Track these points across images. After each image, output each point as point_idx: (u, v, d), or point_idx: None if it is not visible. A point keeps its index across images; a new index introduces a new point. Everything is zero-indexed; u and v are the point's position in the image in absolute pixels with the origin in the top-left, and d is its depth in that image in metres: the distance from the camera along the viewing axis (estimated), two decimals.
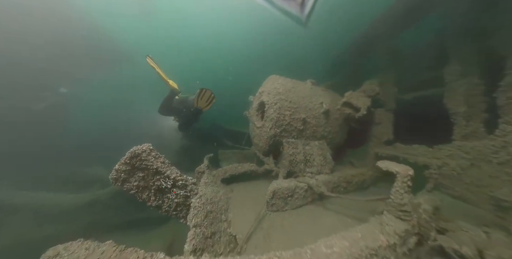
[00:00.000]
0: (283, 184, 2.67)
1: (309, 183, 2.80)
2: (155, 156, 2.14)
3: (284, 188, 2.63)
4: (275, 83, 3.31)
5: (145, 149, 2.06)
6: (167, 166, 2.19)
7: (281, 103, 3.09)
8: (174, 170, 2.22)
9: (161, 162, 2.16)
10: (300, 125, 3.22)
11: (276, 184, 2.65)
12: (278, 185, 2.65)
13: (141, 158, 2.04)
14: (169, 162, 2.27)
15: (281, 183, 2.71)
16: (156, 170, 2.10)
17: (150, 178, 2.15)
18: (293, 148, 3.12)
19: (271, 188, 2.58)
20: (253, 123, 3.62)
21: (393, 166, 2.08)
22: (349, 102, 3.19)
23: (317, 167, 3.07)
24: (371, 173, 3.39)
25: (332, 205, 2.83)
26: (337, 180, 3.07)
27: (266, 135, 3.25)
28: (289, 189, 2.68)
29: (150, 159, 2.06)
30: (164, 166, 2.14)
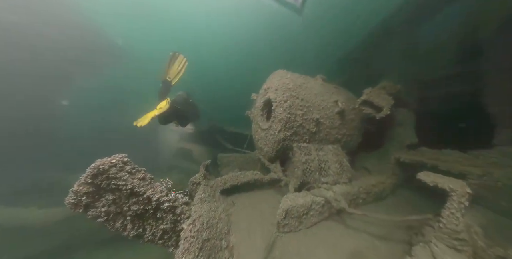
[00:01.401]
0: (297, 200, 2.09)
1: (326, 196, 2.22)
2: (130, 170, 1.48)
3: (299, 205, 2.05)
4: (284, 78, 2.72)
5: (115, 162, 1.41)
6: (147, 184, 1.54)
7: (292, 101, 2.50)
8: (157, 189, 1.57)
9: (139, 178, 1.50)
10: (313, 127, 2.64)
11: (289, 201, 2.07)
12: (292, 201, 2.07)
13: (108, 175, 1.38)
14: (151, 177, 1.62)
15: (295, 198, 2.13)
16: (132, 190, 1.44)
17: (123, 201, 1.49)
18: (305, 154, 2.54)
19: (284, 206, 1.99)
20: (257, 124, 3.01)
21: (444, 181, 1.55)
22: (370, 101, 2.64)
23: (333, 176, 2.50)
24: (390, 181, 2.85)
25: (352, 220, 2.28)
26: (357, 191, 2.52)
27: (273, 139, 2.65)
28: (304, 206, 2.10)
29: (122, 176, 1.41)
30: (144, 184, 1.49)
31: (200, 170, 2.50)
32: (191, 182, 2.28)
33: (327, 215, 2.32)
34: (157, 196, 1.51)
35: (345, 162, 2.61)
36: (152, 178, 1.63)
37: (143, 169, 1.60)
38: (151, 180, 1.60)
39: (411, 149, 2.87)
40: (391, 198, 2.85)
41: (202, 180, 2.35)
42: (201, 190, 2.16)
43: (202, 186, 2.24)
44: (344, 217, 2.36)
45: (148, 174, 1.62)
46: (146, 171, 1.61)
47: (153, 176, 4.60)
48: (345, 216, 2.37)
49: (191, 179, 2.30)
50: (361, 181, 2.69)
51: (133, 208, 1.49)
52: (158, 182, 1.66)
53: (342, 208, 2.12)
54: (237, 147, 4.65)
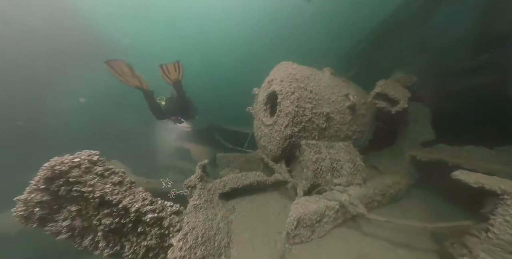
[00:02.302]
0: (309, 206, 1.75)
1: (341, 200, 1.89)
2: (101, 173, 1.11)
3: (311, 212, 1.70)
4: (290, 69, 2.40)
5: (79, 161, 1.03)
6: (125, 190, 1.16)
7: (300, 93, 2.18)
8: (139, 196, 1.19)
9: (113, 183, 1.12)
10: (322, 123, 2.32)
11: (300, 207, 1.72)
12: (303, 208, 1.72)
13: (68, 179, 1.00)
14: (131, 181, 1.24)
15: (306, 204, 1.79)
16: (102, 199, 1.06)
17: (92, 213, 1.10)
18: (316, 153, 2.20)
19: (295, 214, 1.65)
20: (260, 120, 2.66)
21: (490, 181, 1.25)
22: (384, 93, 2.34)
23: (347, 177, 2.17)
24: (405, 181, 2.55)
25: (368, 225, 1.96)
26: (372, 193, 2.19)
27: (279, 135, 2.31)
28: (317, 213, 1.76)
29: (88, 181, 1.03)
30: (119, 191, 1.12)
31: (196, 171, 2.13)
32: (186, 185, 1.90)
33: (341, 221, 1.98)
34: (137, 205, 1.14)
35: (359, 161, 2.29)
36: (133, 182, 1.25)
37: (121, 170, 1.22)
38: (131, 185, 1.22)
39: (426, 146, 2.57)
40: (406, 200, 2.55)
41: (198, 183, 1.98)
42: (197, 194, 1.79)
43: (197, 190, 1.87)
44: (359, 223, 2.04)
45: (128, 177, 1.24)
46: (126, 173, 1.23)
47: (149, 176, 4.02)
48: (360, 221, 2.04)
49: (185, 182, 1.92)
50: (376, 181, 2.38)
51: (105, 221, 1.11)
52: (141, 187, 1.27)
53: (361, 213, 1.79)
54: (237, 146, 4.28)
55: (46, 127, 8.91)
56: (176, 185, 3.33)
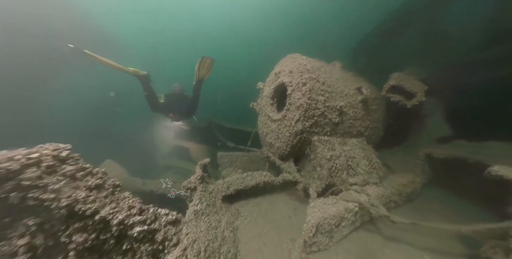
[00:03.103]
0: (328, 210, 1.50)
1: (361, 201, 1.65)
2: (72, 174, 0.80)
3: (331, 216, 1.45)
4: (299, 59, 2.17)
5: (37, 158, 0.72)
6: (106, 196, 0.86)
7: (312, 84, 1.94)
8: (124, 204, 0.89)
9: (88, 187, 0.82)
10: (335, 117, 2.09)
11: (318, 211, 1.47)
12: (322, 212, 1.47)
13: (20, 182, 0.69)
14: (116, 185, 0.95)
15: (324, 207, 1.54)
16: (71, 209, 0.76)
17: (58, 227, 0.79)
18: (329, 150, 1.96)
19: (313, 220, 1.40)
20: (266, 115, 2.40)
21: None
22: (400, 86, 2.14)
23: (363, 175, 1.94)
24: (419, 180, 2.35)
25: (388, 228, 1.74)
26: (390, 193, 1.97)
27: (288, 131, 2.05)
28: (337, 217, 1.51)
29: (49, 185, 0.72)
30: (97, 198, 0.82)
31: (196, 171, 1.83)
32: (185, 187, 1.61)
33: (359, 225, 1.74)
34: (120, 216, 0.84)
35: (375, 158, 2.07)
36: (118, 185, 0.96)
37: (102, 170, 0.93)
38: (114, 190, 0.93)
39: (441, 142, 2.39)
40: (420, 200, 2.34)
41: (199, 184, 1.69)
42: (197, 198, 1.50)
43: (198, 193, 1.58)
44: (378, 225, 1.81)
45: (112, 179, 0.94)
46: (106, 174, 0.93)
47: (147, 176, 3.57)
48: (380, 223, 1.81)
49: (184, 183, 1.64)
50: (391, 180, 2.16)
51: (77, 238, 0.81)
52: (127, 192, 0.98)
53: (385, 215, 1.55)
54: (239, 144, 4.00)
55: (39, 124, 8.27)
56: (176, 186, 3.06)
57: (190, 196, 1.70)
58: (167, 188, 3.02)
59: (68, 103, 8.99)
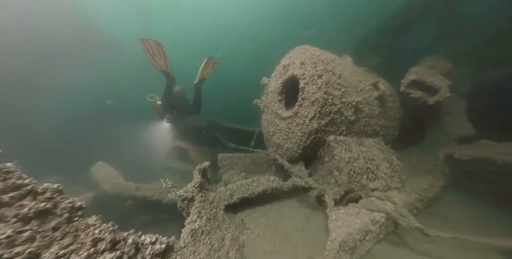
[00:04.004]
0: (352, 223, 1.23)
1: (387, 210, 1.39)
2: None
3: (356, 230, 1.18)
4: (311, 50, 1.90)
5: None
6: (56, 226, 0.52)
7: (328, 77, 1.68)
8: (88, 235, 0.56)
9: (19, 217, 0.48)
10: (351, 115, 1.83)
11: (342, 225, 1.20)
12: (346, 225, 1.20)
13: None
14: (74, 205, 0.61)
15: (348, 219, 1.28)
16: None
17: None
18: (347, 151, 1.69)
19: (338, 237, 1.15)
20: (273, 113, 2.11)
21: None
22: (421, 81, 1.89)
23: (385, 180, 1.68)
24: (439, 183, 2.11)
25: (417, 240, 1.50)
26: (414, 199, 1.72)
27: (301, 130, 1.78)
28: (363, 230, 1.24)
29: None
30: (37, 230, 0.48)
31: (194, 178, 1.52)
32: (181, 198, 1.30)
33: (383, 236, 1.48)
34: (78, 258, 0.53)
35: (395, 160, 1.82)
36: (81, 207, 0.65)
37: (53, 187, 0.62)
38: (71, 215, 0.62)
39: (463, 142, 2.16)
40: (440, 205, 2.10)
41: (197, 193, 1.38)
42: (195, 212, 1.20)
43: (197, 204, 1.28)
44: (403, 237, 1.56)
45: (72, 199, 0.63)
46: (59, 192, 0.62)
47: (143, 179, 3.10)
48: (404, 234, 1.56)
49: (179, 193, 1.33)
50: (411, 184, 1.91)
51: None
52: (94, 217, 0.66)
53: (417, 228, 1.30)
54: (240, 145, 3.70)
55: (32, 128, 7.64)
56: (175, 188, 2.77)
57: (187, 208, 1.39)
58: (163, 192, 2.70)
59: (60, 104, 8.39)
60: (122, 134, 6.13)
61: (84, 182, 3.60)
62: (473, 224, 1.72)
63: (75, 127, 7.85)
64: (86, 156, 4.46)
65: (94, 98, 8.44)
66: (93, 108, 8.22)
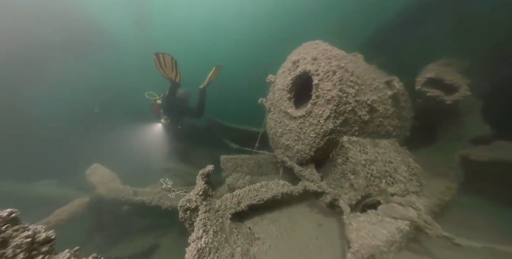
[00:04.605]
0: (378, 234, 1.08)
1: (412, 218, 1.25)
2: None
3: (384, 242, 1.03)
4: (323, 45, 1.75)
5: None
6: None
7: (342, 74, 1.53)
8: None
9: None
10: (365, 114, 1.69)
11: (366, 236, 1.05)
12: (371, 236, 1.05)
13: None
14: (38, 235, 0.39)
15: (372, 229, 1.14)
16: None
17: None
18: (362, 152, 1.54)
19: (362, 250, 1.02)
20: (283, 112, 1.95)
21: None
22: (439, 79, 1.76)
23: (405, 184, 1.53)
24: (454, 185, 1.99)
25: (439, 248, 1.38)
26: (433, 204, 1.58)
27: (315, 131, 1.63)
28: (390, 242, 1.09)
29: None
30: None
31: (197, 185, 1.34)
32: (183, 208, 1.12)
33: (404, 245, 1.34)
34: None
35: (413, 163, 1.69)
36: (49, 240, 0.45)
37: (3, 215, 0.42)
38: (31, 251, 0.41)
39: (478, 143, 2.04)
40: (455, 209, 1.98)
41: (201, 203, 1.19)
42: (200, 226, 1.02)
43: (201, 216, 1.09)
44: (424, 244, 1.43)
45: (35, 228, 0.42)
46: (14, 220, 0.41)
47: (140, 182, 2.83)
48: (425, 241, 1.43)
49: (181, 202, 1.15)
50: (428, 187, 1.77)
51: None
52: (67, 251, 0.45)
53: (446, 237, 1.16)
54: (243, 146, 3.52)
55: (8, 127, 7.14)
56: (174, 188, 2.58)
57: (190, 219, 1.20)
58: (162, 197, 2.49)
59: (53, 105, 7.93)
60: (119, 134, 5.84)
61: (79, 185, 3.34)
62: (497, 231, 1.60)
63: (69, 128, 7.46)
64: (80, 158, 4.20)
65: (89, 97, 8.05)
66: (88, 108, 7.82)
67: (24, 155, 5.83)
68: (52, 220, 2.51)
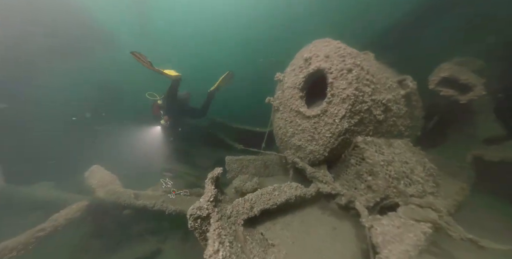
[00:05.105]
0: (406, 238, 1.06)
1: (435, 220, 1.22)
2: None
3: (412, 247, 0.99)
4: (335, 43, 1.70)
5: None
6: None
7: (358, 72, 1.49)
8: None
9: None
10: (380, 114, 1.66)
11: (394, 240, 1.00)
12: (398, 240, 1.01)
13: None
14: None
15: (398, 233, 1.10)
16: None
17: None
18: (379, 153, 1.49)
19: (392, 256, 0.95)
20: (294, 111, 1.90)
21: None
22: (454, 79, 1.74)
23: (423, 185, 1.50)
24: (466, 186, 1.97)
25: (459, 250, 1.37)
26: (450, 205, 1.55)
27: (330, 130, 1.58)
28: (417, 246, 1.05)
29: None
30: None
31: (206, 190, 1.25)
32: (193, 217, 1.03)
33: (426, 248, 1.29)
34: None
35: (428, 163, 1.65)
36: None
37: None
38: None
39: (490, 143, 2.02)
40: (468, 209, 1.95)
41: (213, 211, 1.11)
42: (215, 237, 0.93)
43: (215, 225, 1.01)
44: (442, 246, 1.39)
45: None
46: None
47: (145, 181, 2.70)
48: (442, 242, 1.39)
49: (191, 211, 1.06)
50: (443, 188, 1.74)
51: None
52: None
53: (470, 239, 1.12)
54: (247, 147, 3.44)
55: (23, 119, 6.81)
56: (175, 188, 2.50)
57: (200, 227, 1.11)
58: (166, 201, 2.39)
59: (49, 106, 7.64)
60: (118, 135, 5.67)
61: (77, 187, 3.20)
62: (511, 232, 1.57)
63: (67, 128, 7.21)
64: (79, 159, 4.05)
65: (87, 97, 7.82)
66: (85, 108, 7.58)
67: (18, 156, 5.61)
68: (48, 226, 2.37)
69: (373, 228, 1.13)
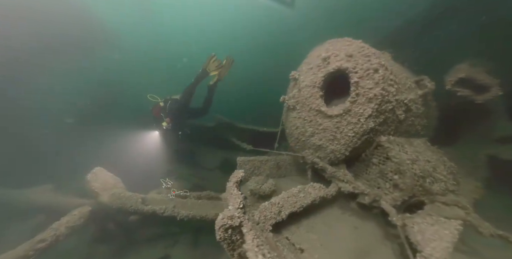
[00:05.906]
0: (444, 235, 1.10)
1: (465, 217, 1.27)
2: None
3: (450, 244, 1.02)
4: (356, 42, 1.72)
5: None
6: None
7: (384, 72, 1.50)
8: None
9: None
10: (401, 114, 1.70)
11: (433, 238, 1.03)
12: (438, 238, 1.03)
13: None
14: None
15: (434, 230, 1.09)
16: None
17: None
18: (403, 152, 1.52)
19: (436, 253, 1.00)
20: (314, 111, 1.90)
21: None
22: (470, 79, 1.79)
23: (446, 183, 1.53)
24: (480, 185, 2.03)
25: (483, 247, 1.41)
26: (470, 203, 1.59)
27: (353, 129, 1.59)
28: (453, 243, 1.08)
29: None
30: None
31: (232, 196, 1.17)
32: (224, 227, 0.95)
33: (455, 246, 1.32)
34: None
35: (448, 161, 1.70)
36: None
37: None
38: None
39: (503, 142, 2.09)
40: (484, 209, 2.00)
41: (244, 219, 1.01)
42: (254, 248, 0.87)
43: (250, 234, 0.94)
44: (468, 244, 1.42)
45: None
46: None
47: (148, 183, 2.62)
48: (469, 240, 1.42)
49: (221, 222, 0.95)
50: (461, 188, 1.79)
51: None
52: None
53: (500, 235, 1.16)
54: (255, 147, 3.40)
55: None
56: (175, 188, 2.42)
57: (230, 237, 0.99)
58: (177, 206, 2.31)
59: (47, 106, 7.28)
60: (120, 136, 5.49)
61: (79, 191, 3.05)
62: None
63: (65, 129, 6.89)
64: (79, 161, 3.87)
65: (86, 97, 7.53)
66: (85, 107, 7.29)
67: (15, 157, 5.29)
68: (48, 236, 2.17)
69: (408, 226, 1.14)
